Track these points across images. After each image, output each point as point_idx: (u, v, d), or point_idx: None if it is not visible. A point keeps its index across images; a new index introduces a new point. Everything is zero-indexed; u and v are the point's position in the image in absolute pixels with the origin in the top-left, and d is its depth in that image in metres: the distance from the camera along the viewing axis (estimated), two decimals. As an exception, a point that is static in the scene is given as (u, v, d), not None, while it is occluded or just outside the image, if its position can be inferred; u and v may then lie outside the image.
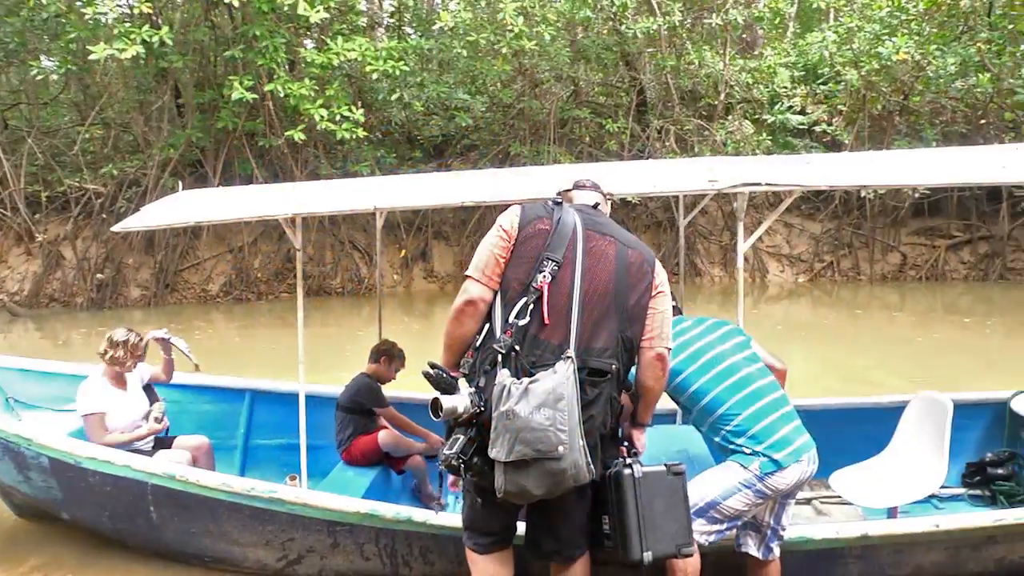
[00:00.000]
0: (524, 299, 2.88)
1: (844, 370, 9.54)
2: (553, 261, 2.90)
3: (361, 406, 5.06)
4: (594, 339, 2.92)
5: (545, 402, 2.68)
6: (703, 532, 3.41)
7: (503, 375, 2.79)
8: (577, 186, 3.36)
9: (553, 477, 2.72)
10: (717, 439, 3.54)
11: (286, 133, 13.99)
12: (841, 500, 4.69)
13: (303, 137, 13.71)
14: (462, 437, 2.85)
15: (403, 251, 16.92)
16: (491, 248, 3.01)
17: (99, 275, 15.53)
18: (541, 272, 2.88)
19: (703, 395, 3.53)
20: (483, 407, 2.83)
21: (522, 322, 2.86)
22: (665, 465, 3.10)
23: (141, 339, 4.90)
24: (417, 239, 17.17)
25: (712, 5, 16.32)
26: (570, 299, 2.90)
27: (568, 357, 2.81)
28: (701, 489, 3.44)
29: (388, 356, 5.23)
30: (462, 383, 2.96)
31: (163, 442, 5.04)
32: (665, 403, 5.29)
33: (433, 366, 2.98)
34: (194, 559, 4.42)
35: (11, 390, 5.46)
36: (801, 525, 3.93)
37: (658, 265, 3.13)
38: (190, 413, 5.57)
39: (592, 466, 2.79)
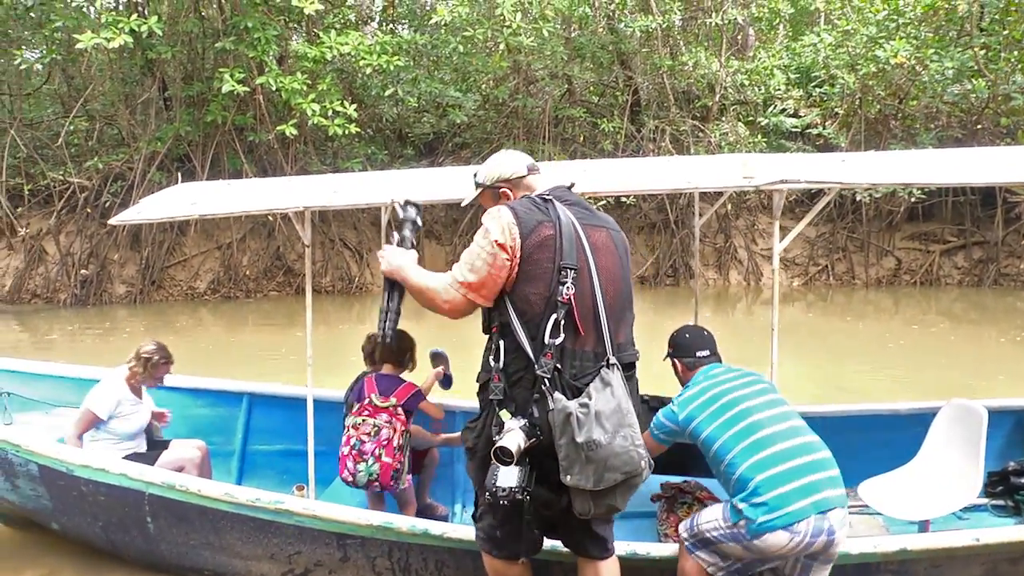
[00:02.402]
0: (553, 316, 2.71)
1: (833, 376, 9.39)
2: (572, 269, 2.73)
3: None
4: (620, 335, 2.86)
5: (619, 423, 2.64)
6: (710, 563, 3.27)
7: (561, 400, 2.66)
8: (531, 170, 3.07)
9: (635, 488, 2.74)
10: (727, 489, 3.33)
11: (277, 128, 13.74)
12: (863, 510, 4.53)
13: (295, 132, 13.46)
14: (518, 469, 2.67)
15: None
16: (490, 268, 2.76)
17: (83, 271, 15.20)
18: (563, 284, 2.71)
19: (712, 442, 3.32)
20: (540, 436, 2.71)
21: (558, 341, 2.70)
22: None
23: (167, 362, 4.74)
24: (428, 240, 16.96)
25: (710, 5, 16.20)
26: (595, 303, 2.78)
27: (613, 364, 2.74)
28: (706, 521, 3.28)
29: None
30: (504, 414, 2.76)
31: (159, 446, 4.83)
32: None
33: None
34: (193, 573, 4.18)
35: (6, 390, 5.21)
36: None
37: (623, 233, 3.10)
38: (185, 417, 5.31)
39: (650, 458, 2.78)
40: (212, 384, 5.58)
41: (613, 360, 2.75)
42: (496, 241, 2.74)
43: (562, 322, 2.70)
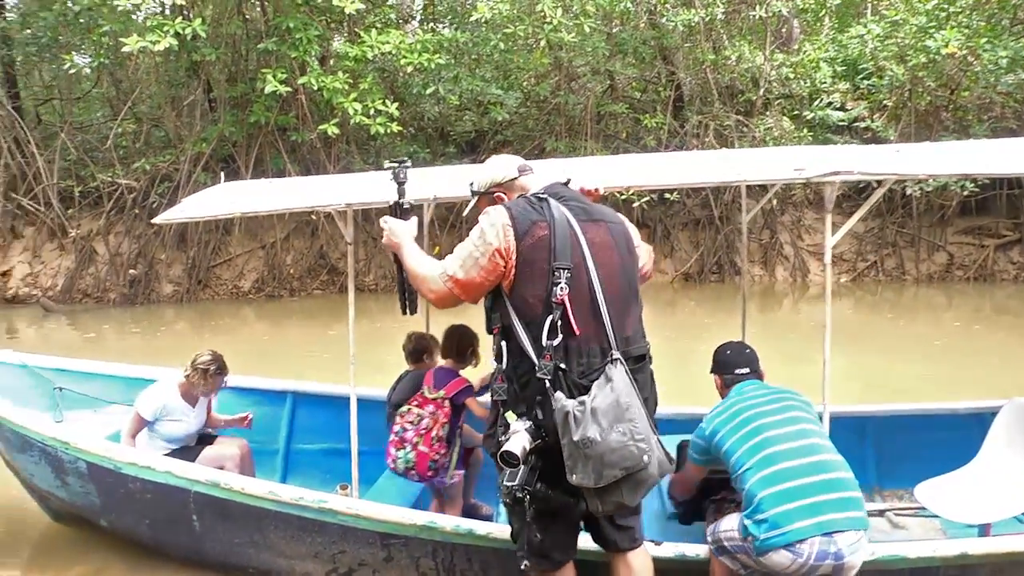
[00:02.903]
0: (549, 318, 2.71)
1: (883, 375, 9.16)
2: (566, 270, 2.73)
3: None
4: (626, 328, 2.85)
5: (616, 418, 2.61)
6: (731, 570, 3.25)
7: (561, 399, 2.66)
8: (523, 171, 3.08)
9: (644, 484, 2.70)
10: (742, 504, 3.25)
11: (319, 127, 13.82)
12: (920, 513, 4.39)
13: (336, 131, 13.53)
14: (522, 468, 2.71)
15: (437, 248, 16.66)
16: (480, 268, 2.79)
17: (131, 271, 15.46)
18: (557, 284, 2.71)
19: (729, 456, 3.27)
20: (545, 437, 2.73)
21: (555, 341, 2.71)
22: None
23: (222, 372, 4.76)
24: (451, 236, 16.90)
25: (753, -2, 15.95)
26: (594, 300, 2.78)
27: (616, 359, 2.74)
28: (724, 530, 3.26)
29: (428, 352, 4.93)
30: (510, 416, 2.79)
31: (205, 440, 4.88)
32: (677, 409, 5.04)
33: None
34: (237, 571, 4.19)
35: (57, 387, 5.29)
36: (886, 542, 3.64)
37: (627, 222, 3.07)
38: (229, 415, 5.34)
39: (670, 453, 2.77)
40: (256, 383, 5.61)
41: (617, 355, 2.74)
42: (496, 248, 2.76)
43: (559, 323, 2.70)
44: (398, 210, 3.15)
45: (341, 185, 4.65)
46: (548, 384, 2.69)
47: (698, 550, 3.44)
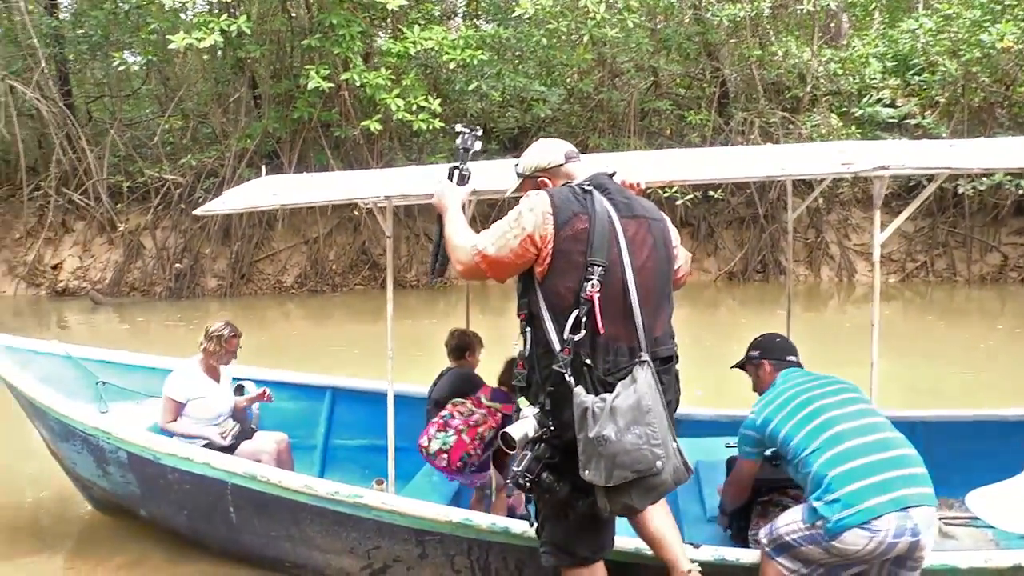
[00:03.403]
0: (575, 312, 2.66)
1: (931, 379, 8.91)
2: (600, 266, 2.68)
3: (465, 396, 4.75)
4: (656, 329, 2.81)
5: (634, 419, 2.56)
6: (792, 570, 3.11)
7: (580, 394, 2.62)
8: (570, 158, 3.02)
9: (656, 490, 2.66)
10: (805, 490, 3.16)
11: (361, 123, 13.88)
12: (971, 522, 4.23)
13: (379, 127, 13.58)
14: (528, 454, 2.70)
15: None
16: (512, 250, 2.76)
17: (177, 265, 15.69)
18: (589, 280, 2.66)
19: (788, 442, 3.20)
20: (552, 426, 2.70)
21: (577, 337, 2.66)
22: None
23: (235, 335, 4.82)
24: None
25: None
26: (627, 299, 2.72)
27: (644, 361, 2.69)
28: (784, 524, 3.12)
29: (470, 349, 4.90)
30: (522, 401, 2.79)
31: (245, 437, 4.89)
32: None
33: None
34: (274, 564, 4.19)
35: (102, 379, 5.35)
36: (937, 551, 3.50)
37: (668, 221, 3.01)
38: (268, 409, 5.35)
39: (688, 463, 2.72)
40: (296, 378, 5.63)
41: (645, 357, 2.70)
42: (524, 227, 2.73)
43: (583, 319, 2.66)
44: (455, 175, 3.13)
45: (381, 179, 4.62)
46: (566, 377, 2.65)
47: (738, 554, 3.35)
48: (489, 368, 4.79)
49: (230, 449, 4.64)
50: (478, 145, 3.13)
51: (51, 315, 14.13)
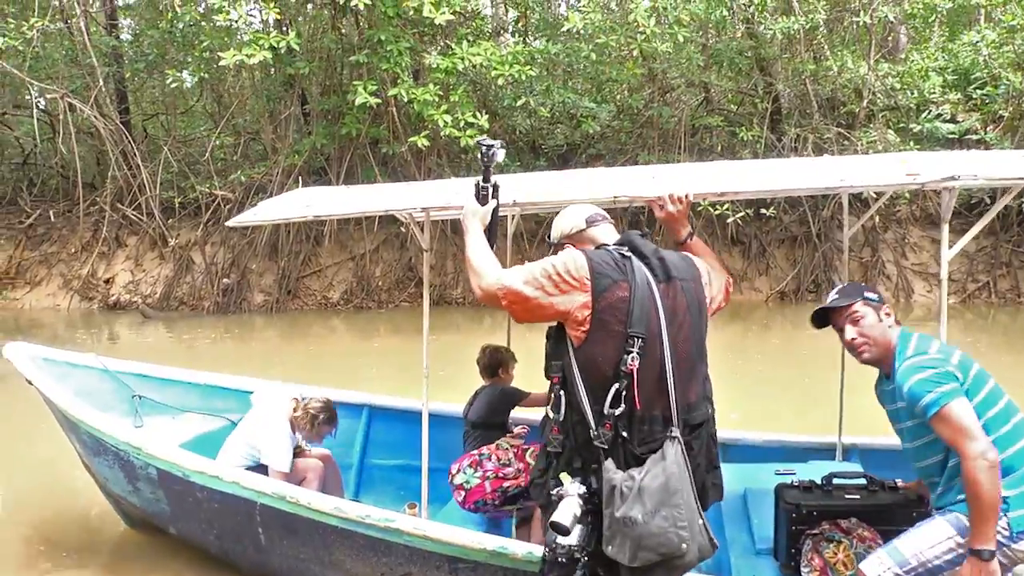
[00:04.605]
0: (615, 386, 2.57)
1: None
2: (640, 338, 2.58)
3: (504, 418, 4.59)
4: (690, 394, 2.71)
5: (662, 501, 2.50)
6: None
7: (610, 469, 2.56)
8: (592, 222, 2.94)
9: (679, 569, 2.58)
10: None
11: (409, 140, 13.85)
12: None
13: (427, 144, 13.53)
14: (580, 527, 2.59)
15: (525, 262, 16.54)
16: (539, 302, 2.65)
17: (225, 280, 15.81)
18: (629, 353, 2.57)
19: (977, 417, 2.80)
20: (598, 502, 2.61)
21: (617, 411, 2.57)
22: None
23: (331, 422, 4.68)
24: (540, 251, 16.74)
25: (858, 3, 15.26)
26: (663, 370, 2.62)
27: (674, 437, 2.60)
28: (930, 545, 2.82)
29: (503, 366, 4.74)
30: (564, 476, 2.66)
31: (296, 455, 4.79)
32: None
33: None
34: (303, 588, 4.05)
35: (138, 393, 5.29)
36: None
37: (700, 264, 2.91)
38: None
39: (715, 539, 2.62)
40: (332, 395, 5.48)
41: (675, 432, 2.61)
42: (563, 276, 2.63)
43: (623, 393, 2.57)
44: (478, 191, 2.97)
45: (419, 191, 4.48)
46: (603, 454, 2.58)
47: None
48: (527, 384, 4.65)
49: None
50: (501, 156, 2.95)
51: (103, 328, 14.32)
